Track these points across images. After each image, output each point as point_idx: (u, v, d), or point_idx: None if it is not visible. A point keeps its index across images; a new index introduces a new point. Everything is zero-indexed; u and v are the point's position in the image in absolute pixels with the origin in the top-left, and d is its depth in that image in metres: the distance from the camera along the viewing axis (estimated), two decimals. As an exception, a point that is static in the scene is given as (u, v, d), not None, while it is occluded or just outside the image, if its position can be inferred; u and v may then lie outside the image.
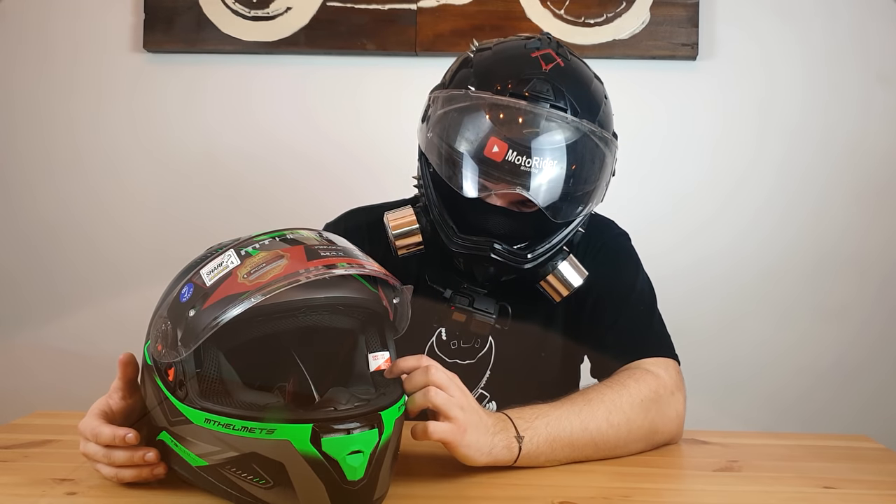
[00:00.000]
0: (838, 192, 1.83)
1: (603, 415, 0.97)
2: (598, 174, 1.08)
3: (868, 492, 0.89)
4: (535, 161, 1.00)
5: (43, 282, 1.91)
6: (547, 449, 0.93)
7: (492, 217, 1.06)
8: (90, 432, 0.84)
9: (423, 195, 1.12)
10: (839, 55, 1.82)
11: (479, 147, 1.01)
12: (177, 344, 0.77)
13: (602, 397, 1.00)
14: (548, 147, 1.01)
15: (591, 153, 1.06)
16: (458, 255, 1.08)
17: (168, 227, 1.89)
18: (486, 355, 1.20)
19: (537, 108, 1.01)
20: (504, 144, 1.00)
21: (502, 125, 1.01)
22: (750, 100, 1.84)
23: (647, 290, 1.21)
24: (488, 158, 1.00)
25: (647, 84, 1.84)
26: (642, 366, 1.08)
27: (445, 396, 0.86)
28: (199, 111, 1.89)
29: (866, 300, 1.84)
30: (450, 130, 1.04)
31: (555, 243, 1.08)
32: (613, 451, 0.99)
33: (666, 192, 1.85)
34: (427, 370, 0.87)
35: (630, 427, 0.99)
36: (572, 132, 1.03)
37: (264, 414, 0.75)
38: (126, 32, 1.88)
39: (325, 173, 1.86)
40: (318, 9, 1.83)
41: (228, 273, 0.78)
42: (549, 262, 1.09)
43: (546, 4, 1.81)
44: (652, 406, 1.02)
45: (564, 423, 0.95)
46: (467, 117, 1.03)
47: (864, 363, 1.84)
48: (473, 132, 1.02)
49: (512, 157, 0.99)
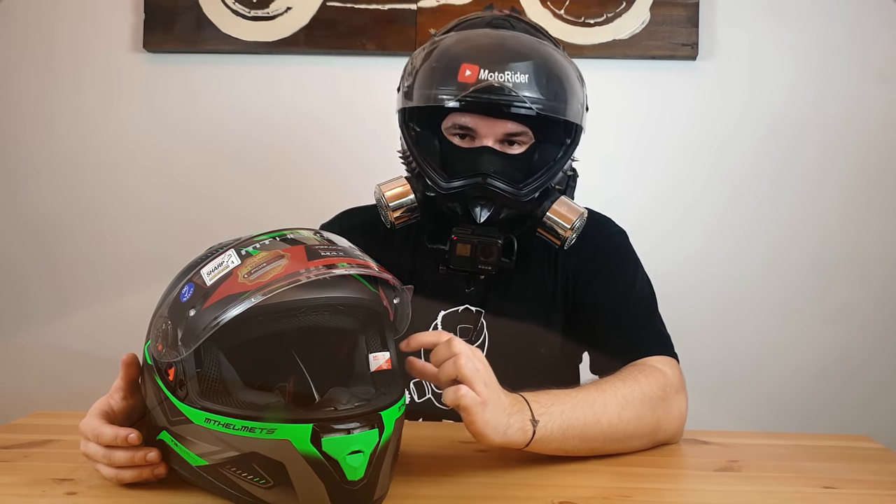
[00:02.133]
0: (838, 192, 1.84)
1: (615, 409, 0.97)
2: (570, 88, 1.12)
3: (868, 492, 0.89)
4: (507, 75, 1.05)
5: (43, 281, 1.91)
6: (559, 436, 0.92)
7: (480, 157, 1.10)
8: (91, 432, 0.84)
9: (409, 162, 1.16)
10: (838, 55, 1.82)
11: (452, 77, 1.06)
12: (177, 343, 0.77)
13: (615, 391, 1.00)
14: (516, 60, 1.07)
15: (558, 65, 1.12)
16: (454, 196, 1.09)
17: (168, 227, 1.89)
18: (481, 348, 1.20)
19: (499, 31, 1.12)
20: (475, 66, 1.06)
21: (469, 51, 1.08)
22: (750, 99, 1.84)
23: (647, 288, 1.21)
24: (463, 83, 1.05)
25: (647, 84, 1.84)
26: (649, 363, 1.09)
27: (473, 368, 0.86)
28: (199, 111, 1.89)
29: (865, 298, 1.84)
30: (425, 76, 1.10)
31: (547, 175, 1.11)
32: (619, 446, 0.99)
33: (666, 191, 1.85)
34: (450, 343, 0.87)
35: (638, 423, 1.00)
36: (535, 46, 1.11)
37: (264, 414, 0.75)
38: (126, 32, 1.88)
39: (324, 173, 1.86)
40: (318, 9, 1.83)
41: (229, 273, 0.78)
42: (543, 201, 1.11)
43: (546, 4, 1.81)
44: (660, 404, 1.02)
45: (578, 413, 0.94)
46: (437, 59, 1.10)
47: (863, 362, 1.84)
48: (445, 68, 1.08)
49: (485, 76, 1.05)
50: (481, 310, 1.21)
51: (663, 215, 1.85)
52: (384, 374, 0.85)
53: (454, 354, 0.86)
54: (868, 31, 1.82)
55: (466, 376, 0.85)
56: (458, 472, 0.92)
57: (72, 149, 1.90)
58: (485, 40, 1.10)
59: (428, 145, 1.14)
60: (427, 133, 1.15)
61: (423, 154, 1.12)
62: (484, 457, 0.99)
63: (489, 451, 1.01)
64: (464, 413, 0.85)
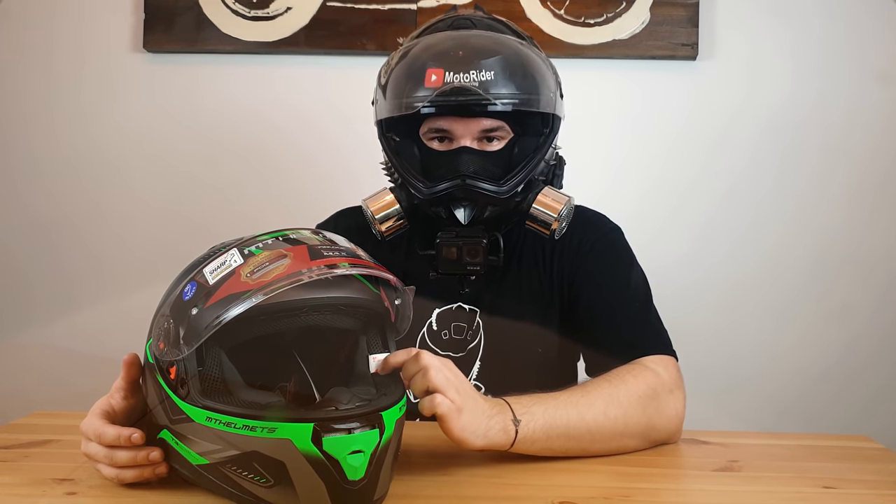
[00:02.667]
0: (838, 192, 1.84)
1: (600, 407, 0.97)
2: (540, 79, 1.12)
3: (868, 492, 0.89)
4: (472, 74, 1.06)
5: (45, 280, 1.91)
6: (543, 436, 0.93)
7: (460, 158, 1.10)
8: (93, 432, 0.84)
9: (392, 172, 1.16)
10: (838, 55, 1.82)
11: (419, 84, 1.07)
12: (179, 342, 0.77)
13: (600, 390, 1.00)
14: (480, 58, 1.07)
15: (524, 57, 1.11)
16: (435, 200, 1.09)
17: (169, 226, 1.89)
18: (476, 347, 1.21)
19: (460, 32, 1.13)
20: (439, 70, 1.07)
21: (433, 56, 1.09)
22: (750, 99, 1.84)
23: (641, 285, 1.21)
24: (430, 87, 1.06)
25: (647, 84, 1.84)
26: (641, 363, 1.08)
27: (443, 377, 0.86)
28: (199, 111, 1.89)
29: (868, 299, 1.84)
30: (394, 86, 1.11)
31: (527, 168, 1.11)
32: (609, 445, 0.99)
33: (666, 191, 1.85)
34: (418, 357, 0.87)
35: (627, 422, 0.99)
36: (499, 41, 1.12)
37: (266, 413, 0.75)
38: (126, 32, 1.88)
39: (324, 173, 1.86)
40: (318, 9, 1.83)
41: (231, 272, 0.78)
42: (527, 194, 1.12)
43: (546, 4, 1.81)
44: (650, 403, 1.02)
45: (561, 412, 0.95)
46: (403, 68, 1.11)
47: (866, 363, 1.84)
48: (411, 76, 1.09)
49: (451, 78, 1.06)
50: (476, 308, 1.21)
51: (663, 215, 1.85)
52: (385, 375, 0.85)
53: (422, 368, 0.86)
54: (868, 30, 1.82)
55: (437, 386, 0.85)
56: (458, 472, 0.92)
57: (72, 149, 1.90)
58: (447, 43, 1.10)
59: (408, 153, 1.14)
60: (406, 141, 1.15)
61: (403, 163, 1.13)
62: (484, 457, 0.99)
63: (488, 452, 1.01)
64: (441, 421, 0.86)
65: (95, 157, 1.90)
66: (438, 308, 1.21)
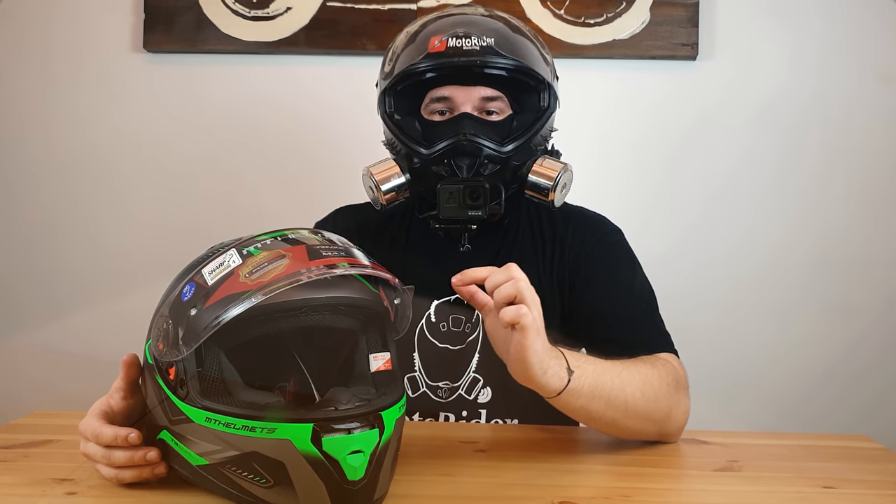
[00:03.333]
0: (839, 192, 1.83)
1: (638, 384, 0.98)
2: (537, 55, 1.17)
3: (868, 492, 0.89)
4: (474, 39, 1.12)
5: (43, 281, 1.91)
6: (588, 393, 0.93)
7: (461, 122, 1.13)
8: (91, 433, 0.84)
9: (394, 145, 1.18)
10: (838, 55, 1.82)
11: (424, 51, 1.12)
12: (178, 343, 0.77)
13: (638, 368, 1.01)
14: (480, 27, 1.14)
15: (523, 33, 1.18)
16: (438, 157, 1.12)
17: (168, 227, 1.89)
18: (475, 340, 1.21)
19: (460, 9, 1.21)
20: (442, 37, 1.12)
21: (437, 26, 1.15)
22: (750, 99, 1.84)
23: (646, 285, 1.22)
24: (435, 52, 1.11)
25: (646, 84, 1.84)
26: (663, 357, 1.09)
27: (533, 294, 0.86)
28: (199, 111, 1.89)
29: (870, 300, 1.84)
30: (399, 59, 1.15)
31: (526, 136, 1.14)
32: (635, 424, 1.00)
33: (666, 191, 1.85)
34: (509, 267, 0.87)
35: (656, 406, 1.00)
36: (497, 19, 1.18)
37: (265, 413, 0.75)
38: (126, 32, 1.88)
39: (324, 173, 1.86)
40: (318, 9, 1.83)
41: (230, 272, 0.78)
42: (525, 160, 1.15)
43: (546, 4, 1.81)
44: (674, 393, 1.04)
45: (608, 377, 0.95)
46: (409, 43, 1.16)
47: (869, 364, 1.83)
48: (416, 46, 1.14)
49: (454, 43, 1.11)
50: None
51: (664, 215, 1.85)
52: (384, 375, 0.85)
53: (513, 277, 0.86)
54: (868, 30, 1.82)
55: (527, 299, 0.85)
56: (458, 472, 0.92)
57: (71, 149, 1.90)
58: (448, 18, 1.17)
59: (410, 128, 1.17)
60: (408, 119, 1.18)
61: (405, 132, 1.16)
62: (484, 457, 0.99)
63: (489, 451, 1.01)
64: (519, 334, 0.85)
65: (94, 158, 1.90)
66: (437, 300, 1.21)
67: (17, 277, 1.91)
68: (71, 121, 1.90)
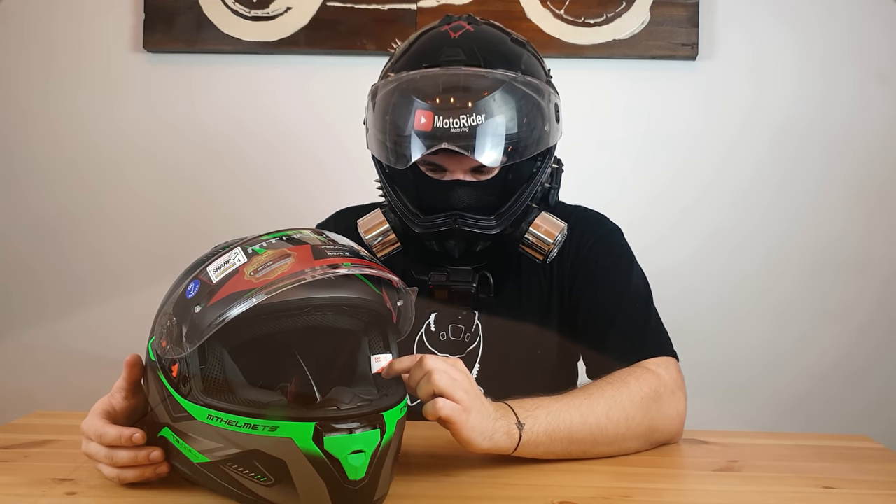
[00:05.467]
0: (839, 192, 1.84)
1: (603, 410, 0.98)
2: (533, 117, 1.08)
3: (868, 492, 0.89)
4: (462, 119, 1.02)
5: (44, 281, 1.91)
6: (546, 439, 0.93)
7: (453, 192, 1.08)
8: (94, 432, 0.83)
9: (385, 194, 1.15)
10: (838, 55, 1.82)
11: (409, 125, 1.04)
12: (181, 340, 0.77)
13: (602, 393, 1.00)
14: (471, 102, 1.03)
15: (519, 98, 1.06)
16: (427, 235, 1.09)
17: (169, 226, 1.89)
18: (475, 350, 1.21)
19: (450, 70, 1.05)
20: (429, 113, 1.03)
21: (423, 96, 1.04)
22: (750, 99, 1.84)
23: (642, 285, 1.21)
24: (420, 131, 1.03)
25: (647, 84, 1.84)
26: (643, 365, 1.08)
27: (448, 379, 0.86)
28: (199, 111, 1.89)
29: (868, 300, 1.84)
30: (383, 120, 1.09)
31: (520, 201, 1.10)
32: (611, 447, 0.99)
33: (666, 191, 1.85)
34: (422, 362, 0.87)
35: (629, 424, 0.99)
36: (491, 82, 1.05)
37: (267, 411, 0.75)
38: (126, 32, 1.88)
39: (324, 173, 1.86)
40: (318, 9, 1.83)
41: (235, 270, 0.78)
42: (521, 223, 1.11)
43: (546, 4, 1.82)
44: (652, 404, 1.02)
45: (564, 416, 0.95)
46: (392, 102, 1.07)
47: (867, 364, 1.84)
48: (401, 113, 1.06)
49: (440, 123, 1.02)
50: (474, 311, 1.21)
51: (664, 216, 1.85)
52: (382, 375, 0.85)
53: (426, 372, 0.86)
54: (869, 30, 1.82)
55: (443, 390, 0.85)
56: (458, 472, 0.92)
57: (71, 149, 1.90)
58: (435, 83, 1.06)
59: (402, 178, 1.12)
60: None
61: (396, 190, 1.12)
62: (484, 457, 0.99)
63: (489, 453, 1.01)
64: (447, 424, 0.86)
65: (94, 158, 1.90)
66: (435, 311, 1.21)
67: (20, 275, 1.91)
68: (71, 121, 1.90)
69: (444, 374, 0.86)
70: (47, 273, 1.91)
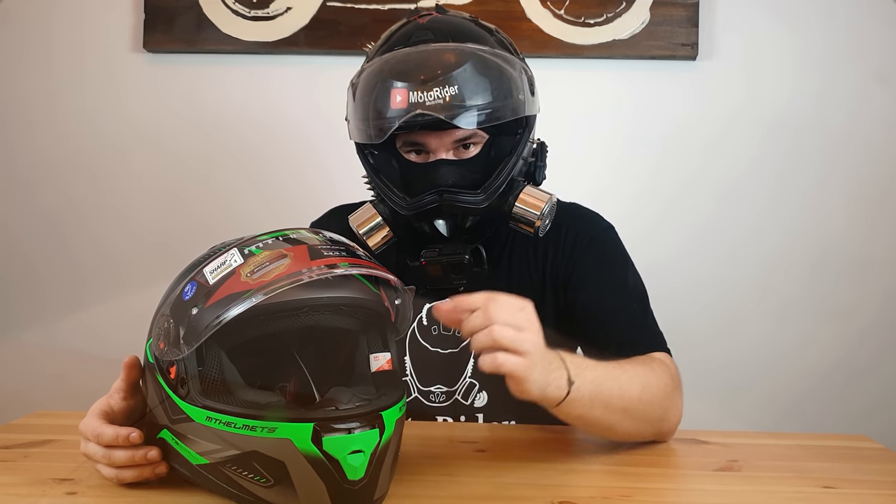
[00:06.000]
0: (839, 192, 1.84)
1: (637, 388, 0.97)
2: (506, 86, 1.09)
3: (868, 492, 0.89)
4: (436, 91, 1.03)
5: (44, 280, 1.91)
6: (588, 402, 0.91)
7: (437, 171, 1.09)
8: (91, 432, 0.84)
9: (373, 186, 1.16)
10: (838, 54, 1.82)
11: (387, 104, 1.06)
12: (179, 342, 0.77)
13: (636, 371, 1.00)
14: (441, 76, 1.04)
15: (489, 68, 1.08)
16: (416, 217, 1.09)
17: (169, 226, 1.89)
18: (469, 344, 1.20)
19: (419, 48, 1.08)
20: (403, 91, 1.04)
21: (396, 75, 1.06)
22: (750, 100, 1.84)
23: (638, 283, 1.21)
24: (396, 109, 1.04)
25: (647, 84, 1.84)
26: (657, 357, 1.09)
27: (513, 333, 0.82)
28: (199, 111, 1.89)
29: (868, 300, 1.84)
30: (363, 106, 1.10)
31: (503, 174, 1.10)
32: (632, 427, 0.99)
33: (666, 191, 1.85)
34: (487, 308, 0.83)
35: (651, 409, 1.00)
36: (461, 55, 1.07)
37: (266, 412, 0.75)
38: (126, 32, 1.88)
39: (324, 173, 1.86)
40: (319, 9, 1.83)
41: (232, 272, 0.78)
42: (507, 196, 1.11)
43: (546, 4, 1.81)
44: (669, 395, 1.03)
45: (607, 384, 0.94)
46: (368, 85, 1.09)
47: (868, 364, 1.84)
48: (378, 95, 1.07)
49: (415, 98, 1.04)
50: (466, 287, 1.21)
51: (663, 215, 1.85)
52: (385, 375, 0.85)
53: (488, 323, 0.82)
54: (868, 30, 1.82)
55: (507, 345, 0.82)
56: (458, 472, 0.92)
57: (72, 148, 1.90)
58: (407, 60, 1.08)
59: (386, 167, 1.14)
60: (383, 154, 1.15)
61: (382, 179, 1.13)
62: (484, 457, 0.99)
63: (489, 451, 1.01)
64: (510, 379, 0.84)
65: (94, 158, 1.90)
66: (429, 304, 1.21)
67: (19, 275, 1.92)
68: (71, 121, 1.90)
69: (508, 328, 0.82)
70: (47, 273, 1.91)
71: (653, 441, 1.06)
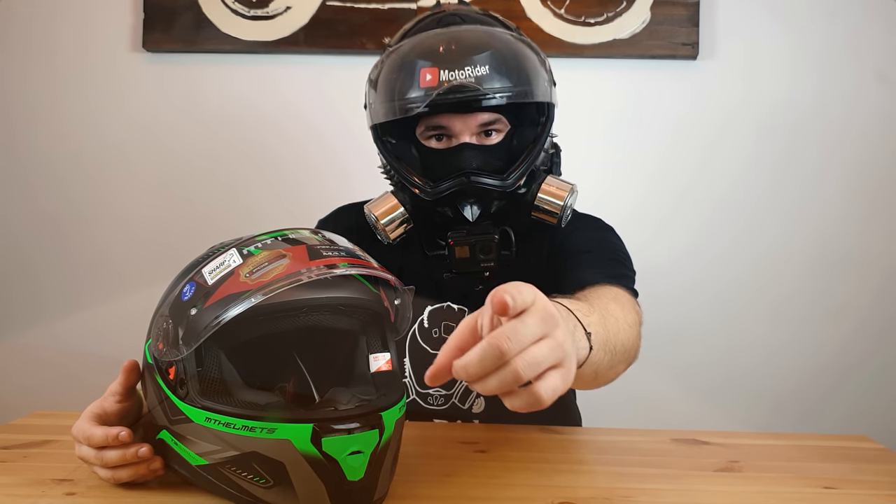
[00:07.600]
0: (837, 191, 1.84)
1: (623, 329, 0.91)
2: (534, 69, 1.11)
3: (868, 492, 0.89)
4: (467, 70, 1.05)
5: (45, 280, 1.91)
6: (599, 351, 0.81)
7: (461, 154, 1.10)
8: (82, 435, 0.83)
9: (391, 175, 1.16)
10: (838, 54, 1.82)
11: (414, 84, 1.06)
12: (178, 342, 0.77)
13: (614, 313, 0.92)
14: (472, 53, 1.06)
15: (518, 50, 1.11)
16: (441, 201, 1.09)
17: (169, 227, 1.89)
18: None
19: (450, 29, 1.10)
20: (434, 69, 1.06)
21: (425, 54, 1.08)
22: (750, 99, 1.84)
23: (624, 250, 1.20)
24: (426, 87, 1.05)
25: (647, 84, 1.84)
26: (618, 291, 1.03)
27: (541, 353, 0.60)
28: (198, 111, 1.89)
29: (865, 298, 1.84)
30: (386, 89, 1.11)
31: (528, 159, 1.11)
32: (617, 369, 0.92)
33: (665, 191, 1.85)
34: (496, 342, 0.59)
35: (630, 346, 0.94)
36: (489, 34, 1.10)
37: (265, 413, 0.75)
38: (126, 32, 1.88)
39: (324, 173, 1.86)
40: (318, 8, 1.83)
41: (230, 272, 0.78)
42: (531, 185, 1.12)
43: (546, 4, 1.81)
44: (637, 331, 0.98)
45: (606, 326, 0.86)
46: (395, 70, 1.10)
47: (861, 361, 1.84)
48: (404, 77, 1.08)
49: (446, 76, 1.05)
50: (464, 309, 1.21)
51: (662, 214, 1.85)
52: (384, 375, 0.85)
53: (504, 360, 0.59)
54: (867, 30, 1.82)
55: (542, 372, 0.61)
56: (458, 472, 0.92)
57: (72, 148, 1.90)
58: (437, 40, 1.09)
59: (406, 155, 1.14)
60: (402, 143, 1.15)
61: (402, 165, 1.13)
62: (484, 457, 0.99)
63: (489, 451, 1.01)
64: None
65: (94, 158, 1.90)
66: (431, 306, 1.21)
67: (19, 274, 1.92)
68: (70, 120, 1.90)
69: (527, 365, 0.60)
70: (46, 273, 1.91)
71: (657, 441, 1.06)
